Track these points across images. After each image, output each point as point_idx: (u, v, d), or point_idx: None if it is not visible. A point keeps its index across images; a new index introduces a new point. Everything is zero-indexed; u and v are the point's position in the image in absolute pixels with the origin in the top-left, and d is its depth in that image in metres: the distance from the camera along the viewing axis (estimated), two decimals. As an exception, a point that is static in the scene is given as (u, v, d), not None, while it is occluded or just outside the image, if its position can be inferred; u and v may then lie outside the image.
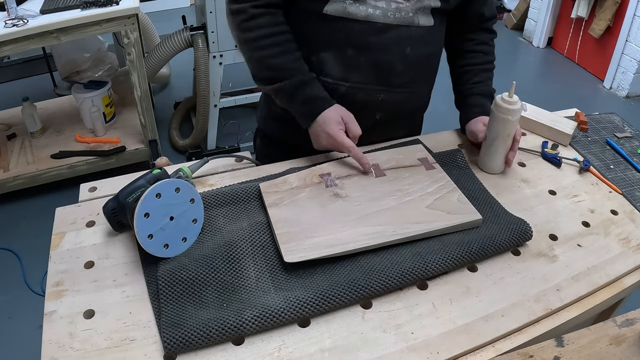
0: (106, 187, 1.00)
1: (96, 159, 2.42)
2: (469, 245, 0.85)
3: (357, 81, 1.04)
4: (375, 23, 0.99)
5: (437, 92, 1.16)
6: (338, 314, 0.77)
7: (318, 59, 1.04)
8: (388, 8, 0.98)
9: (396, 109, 1.11)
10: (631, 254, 0.90)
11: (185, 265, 0.79)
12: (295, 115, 1.05)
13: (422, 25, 1.02)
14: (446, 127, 1.24)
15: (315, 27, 1.02)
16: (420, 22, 1.02)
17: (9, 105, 2.80)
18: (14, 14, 1.96)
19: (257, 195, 0.95)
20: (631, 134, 1.25)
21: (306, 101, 1.02)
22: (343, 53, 1.02)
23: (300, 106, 1.03)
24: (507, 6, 4.58)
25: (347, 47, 1.01)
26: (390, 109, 1.10)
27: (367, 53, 1.01)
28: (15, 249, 2.17)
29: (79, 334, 0.72)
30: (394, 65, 1.03)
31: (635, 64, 3.26)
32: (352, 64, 1.03)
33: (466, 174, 1.05)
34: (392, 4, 0.98)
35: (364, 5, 0.97)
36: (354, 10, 0.98)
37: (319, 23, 1.01)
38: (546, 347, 0.69)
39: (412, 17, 1.00)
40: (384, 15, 0.98)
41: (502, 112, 0.99)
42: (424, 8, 1.01)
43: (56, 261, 0.84)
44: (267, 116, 1.20)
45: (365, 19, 0.98)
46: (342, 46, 1.01)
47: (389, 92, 1.06)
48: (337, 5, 0.98)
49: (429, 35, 1.05)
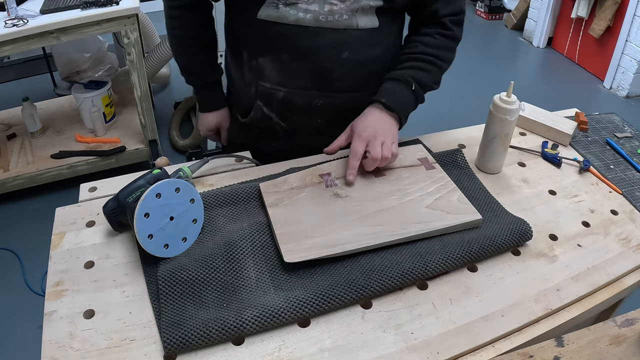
0: (106, 187, 1.00)
1: (96, 159, 2.42)
2: (469, 245, 0.85)
3: (294, 86, 1.04)
4: (307, 27, 0.97)
5: (437, 92, 1.15)
6: (338, 314, 0.77)
7: (257, 63, 1.04)
8: (320, 11, 0.96)
9: (339, 114, 1.06)
10: (631, 254, 0.90)
11: (185, 265, 0.79)
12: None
13: (363, 28, 0.99)
14: (446, 127, 1.24)
15: (251, 32, 1.02)
16: (359, 24, 0.98)
17: (9, 105, 2.80)
18: (14, 14, 1.96)
19: (257, 195, 0.95)
20: (631, 134, 1.25)
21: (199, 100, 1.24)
22: (278, 58, 1.02)
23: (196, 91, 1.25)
24: (507, 6, 4.59)
25: (281, 52, 1.01)
26: (333, 114, 1.08)
27: (301, 58, 1.00)
28: (15, 249, 2.17)
29: (79, 334, 0.72)
30: (330, 70, 1.02)
31: (635, 64, 3.26)
32: (288, 70, 1.02)
33: (466, 174, 1.05)
34: (325, 6, 0.95)
35: (295, 9, 0.96)
36: (285, 15, 0.96)
37: (255, 28, 1.00)
38: (546, 347, 0.69)
39: (348, 19, 0.97)
40: (315, 19, 0.96)
41: (500, 111, 0.99)
42: (363, 8, 0.97)
43: (56, 261, 0.84)
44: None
45: (295, 23, 0.97)
46: (277, 51, 1.01)
47: (328, 97, 1.05)
48: (270, 10, 0.97)
49: (373, 38, 1.01)
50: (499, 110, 0.99)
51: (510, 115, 0.98)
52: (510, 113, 0.98)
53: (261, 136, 1.14)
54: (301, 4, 0.95)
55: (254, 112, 1.11)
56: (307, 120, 1.09)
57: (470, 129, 1.22)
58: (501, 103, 0.98)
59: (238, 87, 1.15)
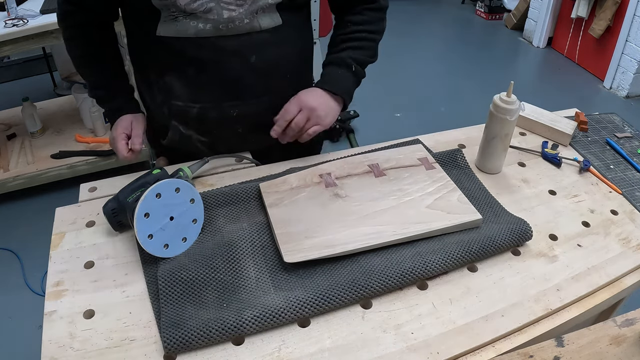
0: (106, 187, 1.00)
1: (96, 159, 2.42)
2: (469, 245, 0.85)
3: (206, 101, 1.01)
4: (208, 38, 0.93)
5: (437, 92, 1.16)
6: (338, 314, 0.77)
7: (164, 83, 1.01)
8: (219, 20, 0.92)
9: (258, 119, 1.05)
10: (631, 254, 0.90)
11: (185, 266, 0.79)
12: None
13: (266, 28, 0.96)
14: (446, 127, 1.24)
15: (153, 51, 0.99)
16: (262, 25, 0.96)
17: (9, 105, 2.80)
18: (14, 14, 1.96)
19: (257, 195, 0.95)
20: (631, 134, 1.25)
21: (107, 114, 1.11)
22: (185, 74, 0.98)
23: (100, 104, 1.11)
24: (507, 6, 4.59)
25: (186, 67, 0.97)
26: (251, 121, 1.05)
27: (208, 70, 0.97)
28: (15, 249, 2.17)
29: (79, 334, 0.72)
30: (240, 78, 0.99)
31: (635, 64, 3.26)
32: (196, 84, 0.99)
33: (466, 174, 1.05)
34: (224, 12, 0.92)
35: (195, 20, 0.92)
36: (184, 28, 0.93)
37: (156, 46, 0.96)
38: (546, 347, 0.69)
39: (249, 23, 0.94)
40: (214, 28, 0.93)
41: (500, 111, 0.99)
42: (263, 8, 0.94)
43: (56, 261, 0.84)
44: None
45: (196, 36, 0.94)
46: (182, 67, 0.98)
47: (242, 105, 1.02)
48: (168, 25, 0.93)
49: (278, 36, 0.98)
50: (499, 110, 0.99)
51: (510, 115, 0.98)
52: (510, 113, 0.98)
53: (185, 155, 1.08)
54: (200, 14, 0.91)
55: (172, 132, 1.07)
56: (226, 132, 1.06)
57: (470, 129, 1.22)
58: (501, 103, 0.98)
59: (152, 109, 1.11)
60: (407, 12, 4.74)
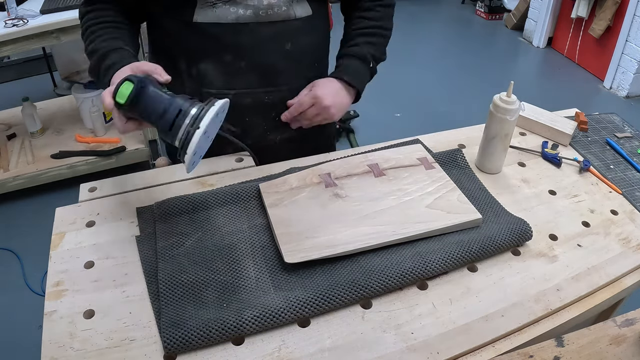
0: (106, 187, 1.00)
1: (96, 159, 2.42)
2: (469, 245, 0.85)
3: (241, 87, 1.02)
4: (247, 24, 0.96)
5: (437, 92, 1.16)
6: (338, 314, 0.77)
7: (197, 70, 1.01)
8: (259, 6, 0.95)
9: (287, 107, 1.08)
10: (631, 254, 0.90)
11: (185, 268, 0.79)
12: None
13: (300, 17, 1.00)
14: (446, 127, 1.24)
15: (188, 39, 0.99)
16: (297, 13, 0.99)
17: (9, 105, 2.80)
18: (14, 14, 1.96)
19: (257, 195, 0.95)
20: (631, 134, 1.25)
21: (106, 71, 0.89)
22: (221, 61, 0.99)
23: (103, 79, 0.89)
24: (507, 6, 4.59)
25: (224, 54, 0.98)
26: (282, 108, 1.08)
27: (245, 56, 0.99)
28: (15, 249, 2.17)
29: (79, 334, 0.72)
30: (276, 64, 1.01)
31: (635, 64, 3.26)
32: (232, 71, 1.00)
33: (466, 174, 1.05)
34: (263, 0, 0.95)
35: (235, 6, 0.94)
36: (223, 14, 0.94)
37: (191, 33, 0.97)
38: (546, 347, 0.69)
39: (285, 11, 0.97)
40: (255, 14, 0.95)
41: (500, 111, 0.99)
42: None
43: (56, 261, 0.84)
44: None
45: (235, 21, 0.95)
46: (218, 53, 0.98)
47: (275, 92, 1.05)
48: (206, 11, 0.94)
49: (309, 25, 1.02)
50: (499, 110, 0.99)
51: (510, 115, 0.98)
52: (510, 113, 0.98)
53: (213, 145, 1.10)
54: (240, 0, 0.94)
55: None
56: (257, 119, 1.08)
57: (470, 129, 1.22)
58: (501, 103, 0.98)
59: None
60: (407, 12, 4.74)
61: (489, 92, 1.17)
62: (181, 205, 0.91)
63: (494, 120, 1.01)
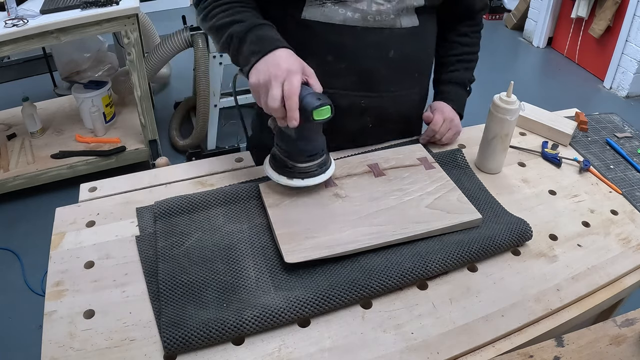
0: (106, 187, 1.00)
1: (96, 159, 2.42)
2: (469, 245, 0.85)
3: (339, 88, 1.01)
4: (354, 27, 0.96)
5: (437, 92, 1.17)
6: (338, 314, 0.77)
7: None
8: (368, 11, 0.95)
9: (383, 114, 1.08)
10: (631, 254, 0.90)
11: (186, 269, 0.79)
12: (241, 61, 0.89)
13: (406, 27, 1.00)
14: (446, 127, 1.23)
15: (293, 35, 0.98)
16: (402, 23, 0.99)
17: (9, 105, 2.80)
18: (14, 14, 1.96)
19: (257, 195, 0.95)
20: (631, 134, 1.25)
21: (259, 40, 0.87)
22: (323, 60, 0.99)
23: (250, 45, 0.87)
24: (507, 6, 4.59)
25: (326, 53, 0.99)
26: (377, 114, 1.08)
27: (348, 59, 0.99)
28: (15, 249, 2.17)
29: (79, 334, 0.72)
30: (377, 70, 1.01)
31: (635, 64, 3.26)
32: (333, 71, 1.00)
33: (466, 174, 1.05)
34: (373, 5, 0.95)
35: (344, 8, 0.95)
36: (332, 15, 0.95)
37: (297, 30, 0.98)
38: (546, 347, 0.69)
39: (393, 19, 0.98)
40: (363, 19, 0.96)
41: (500, 111, 0.99)
42: (407, 8, 0.98)
43: (56, 261, 0.84)
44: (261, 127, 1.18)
45: (342, 23, 0.96)
46: (321, 52, 0.99)
47: (372, 97, 1.05)
48: (315, 10, 0.95)
49: (414, 36, 1.02)
50: (498, 110, 0.99)
51: (510, 115, 0.98)
52: (510, 113, 0.98)
53: None
54: (350, 2, 0.95)
55: None
56: (350, 122, 1.07)
57: (470, 129, 1.22)
58: (501, 103, 0.98)
59: None
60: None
61: (489, 92, 1.17)
62: (181, 205, 0.91)
63: (494, 120, 1.01)
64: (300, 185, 0.90)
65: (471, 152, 1.12)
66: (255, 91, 0.84)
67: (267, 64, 0.83)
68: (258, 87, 0.83)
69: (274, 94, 0.80)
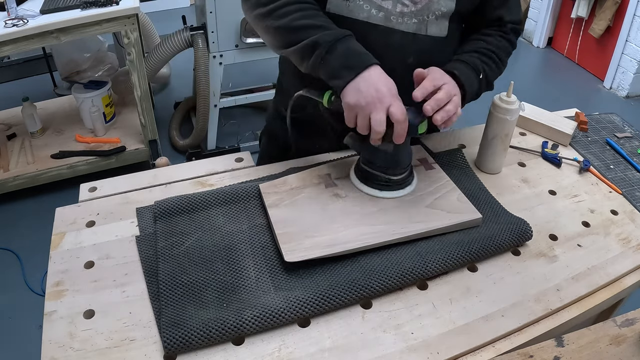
0: (106, 187, 1.00)
1: (96, 159, 2.42)
2: (469, 245, 0.85)
3: None
4: (377, 26, 0.95)
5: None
6: (338, 314, 0.77)
7: None
8: (392, 11, 0.93)
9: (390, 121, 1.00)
10: (631, 254, 0.90)
11: (186, 269, 0.80)
12: (328, 71, 0.88)
13: (431, 35, 0.96)
14: (446, 127, 1.24)
15: None
16: (429, 31, 0.95)
17: (9, 105, 2.80)
18: (14, 14, 1.96)
19: (257, 195, 0.95)
20: (631, 134, 1.25)
21: (350, 54, 0.87)
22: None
23: (340, 58, 0.87)
24: (507, 6, 4.58)
25: None
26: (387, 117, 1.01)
27: None
28: (15, 249, 2.17)
29: (79, 334, 0.72)
30: (393, 74, 0.94)
31: (635, 64, 3.26)
32: None
33: (466, 174, 1.05)
34: (397, 6, 0.93)
35: (368, 4, 0.93)
36: (356, 10, 0.94)
37: None
38: (546, 347, 0.69)
39: (417, 24, 0.94)
40: (386, 18, 0.94)
41: (500, 111, 0.99)
42: (435, 15, 0.94)
43: (56, 261, 0.84)
44: (275, 116, 1.19)
45: (366, 20, 0.95)
46: None
47: None
48: (339, 3, 0.94)
49: (439, 47, 0.97)
50: (498, 110, 0.99)
51: (510, 115, 0.98)
52: (510, 113, 0.98)
53: (309, 134, 1.09)
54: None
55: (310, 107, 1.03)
56: None
57: (470, 129, 1.22)
58: (501, 103, 0.98)
59: (291, 82, 1.08)
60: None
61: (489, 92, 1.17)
62: (181, 205, 0.91)
63: (494, 121, 1.01)
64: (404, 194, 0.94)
65: (471, 152, 1.12)
66: (351, 110, 0.86)
67: (368, 85, 0.84)
68: (357, 107, 0.85)
69: (379, 119, 0.83)
